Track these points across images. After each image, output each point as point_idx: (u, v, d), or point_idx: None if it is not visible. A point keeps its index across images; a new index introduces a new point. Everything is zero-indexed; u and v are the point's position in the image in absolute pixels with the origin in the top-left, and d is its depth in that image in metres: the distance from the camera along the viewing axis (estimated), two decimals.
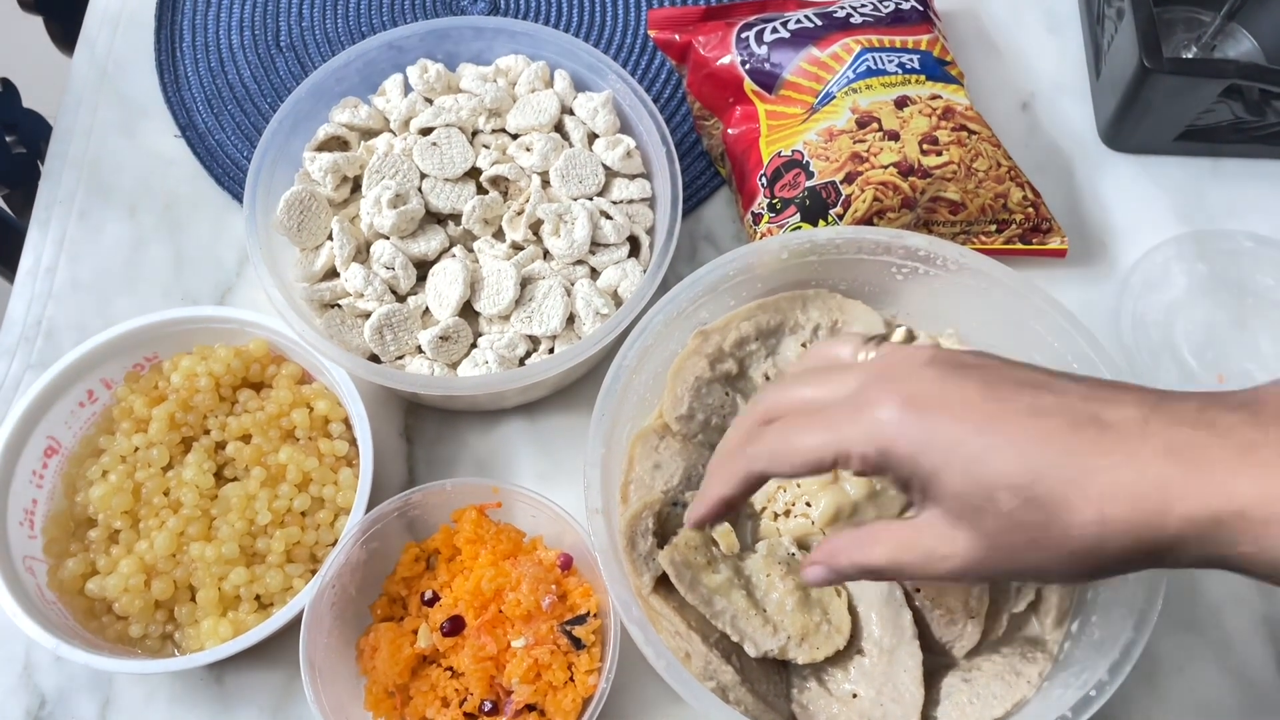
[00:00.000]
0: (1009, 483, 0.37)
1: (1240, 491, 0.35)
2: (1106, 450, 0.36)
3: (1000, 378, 0.40)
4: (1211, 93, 0.71)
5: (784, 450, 0.42)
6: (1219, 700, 0.61)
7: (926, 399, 0.39)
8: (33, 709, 0.61)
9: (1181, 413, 0.37)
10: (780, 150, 0.69)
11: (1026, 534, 0.37)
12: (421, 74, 0.70)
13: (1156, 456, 0.36)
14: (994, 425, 0.38)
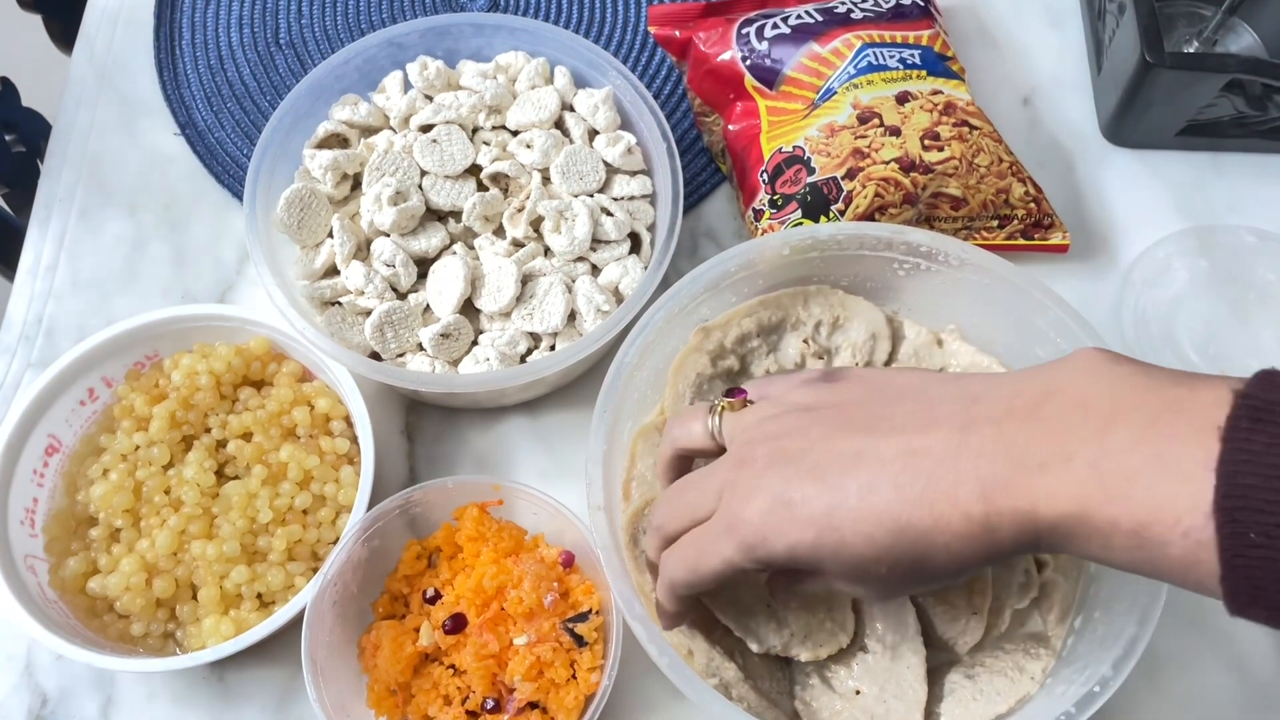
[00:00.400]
0: (872, 558, 0.42)
1: (1043, 516, 0.39)
2: (930, 503, 0.41)
3: (824, 456, 0.44)
4: (1213, 87, 0.71)
5: (693, 576, 0.47)
6: (1222, 696, 0.61)
7: (770, 504, 0.44)
8: (34, 708, 0.60)
9: (982, 439, 0.41)
10: (781, 146, 0.69)
11: (904, 586, 0.44)
12: (421, 71, 0.70)
13: (973, 500, 0.40)
14: (836, 516, 0.43)
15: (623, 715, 0.60)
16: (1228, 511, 0.35)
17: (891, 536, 0.42)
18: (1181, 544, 0.36)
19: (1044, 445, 0.40)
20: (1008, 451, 0.40)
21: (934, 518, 0.41)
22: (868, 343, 0.63)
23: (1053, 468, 0.39)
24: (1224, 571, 0.36)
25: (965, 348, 0.63)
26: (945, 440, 0.42)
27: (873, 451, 0.43)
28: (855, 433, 0.44)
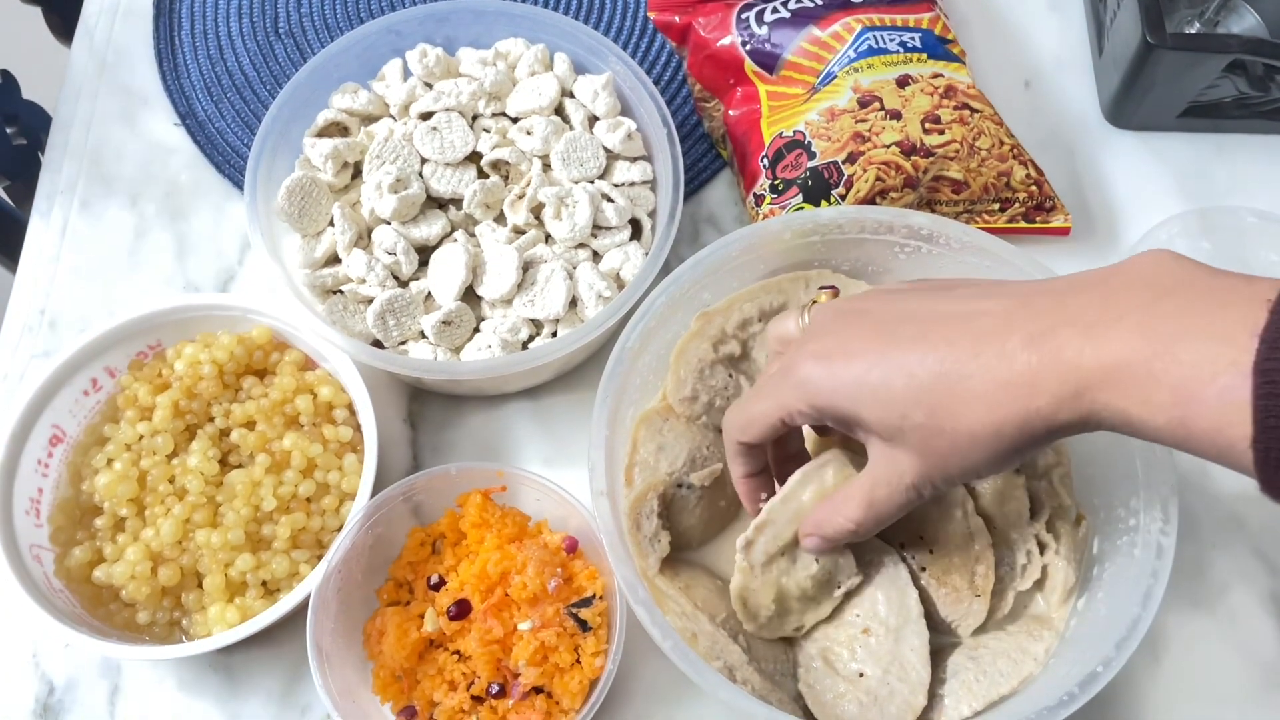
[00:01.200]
0: (911, 399, 0.43)
1: (1086, 365, 0.39)
2: (977, 352, 0.42)
3: (888, 313, 0.46)
4: (1215, 68, 0.71)
5: (745, 420, 0.50)
6: (1225, 677, 0.61)
7: (831, 350, 0.46)
8: (42, 696, 0.61)
9: (1041, 303, 0.42)
10: (782, 131, 0.69)
11: (943, 439, 0.43)
12: (421, 58, 0.69)
13: (1020, 349, 0.41)
14: (886, 357, 0.44)
15: (627, 699, 0.60)
16: (1266, 373, 0.35)
17: (932, 377, 0.43)
18: (1217, 402, 0.36)
19: (1097, 308, 0.40)
20: (1061, 312, 0.41)
21: (978, 363, 0.42)
22: None
23: (1102, 325, 0.40)
24: (1256, 433, 0.36)
25: None
26: (1003, 305, 0.43)
27: (930, 309, 0.45)
28: (925, 296, 0.47)
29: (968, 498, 0.57)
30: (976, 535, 0.57)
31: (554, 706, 0.56)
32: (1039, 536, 0.58)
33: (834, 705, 0.54)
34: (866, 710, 0.54)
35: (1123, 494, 0.56)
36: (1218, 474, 0.66)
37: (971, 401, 0.42)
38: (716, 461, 0.59)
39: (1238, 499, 0.65)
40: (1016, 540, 0.58)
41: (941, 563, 0.56)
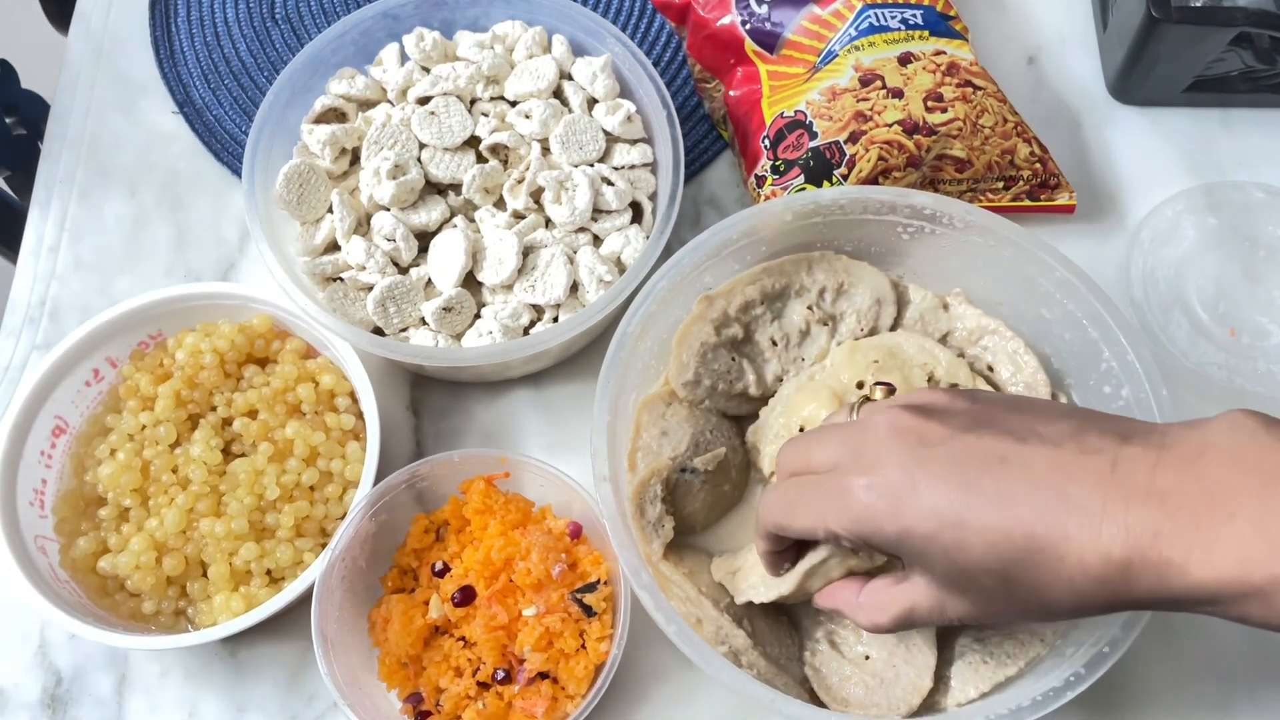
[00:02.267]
0: (988, 567, 0.41)
1: (1194, 579, 0.38)
2: (1068, 534, 0.39)
3: (964, 452, 0.42)
4: (1220, 41, 0.70)
5: (783, 520, 0.47)
6: (1233, 657, 0.61)
7: (896, 488, 0.42)
8: (49, 686, 0.61)
9: (1133, 474, 0.39)
10: (783, 111, 0.68)
11: (1013, 606, 0.42)
12: (418, 42, 0.69)
13: (1117, 539, 0.39)
14: (964, 519, 0.41)
15: (633, 684, 0.60)
16: None
17: (1018, 553, 0.40)
18: None
19: (1201, 501, 0.38)
20: (1161, 501, 0.38)
21: (1069, 548, 0.39)
22: (872, 308, 0.62)
23: (1211, 524, 0.37)
24: None
25: (971, 311, 0.63)
26: (1095, 472, 0.40)
27: (1018, 459, 0.41)
28: (1002, 435, 0.42)
29: None
30: None
31: (559, 692, 0.56)
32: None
33: (840, 688, 0.54)
34: (873, 693, 0.53)
35: None
36: None
37: (1056, 585, 0.40)
38: (720, 445, 0.59)
39: None
40: None
41: None
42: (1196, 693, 0.60)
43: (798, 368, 0.62)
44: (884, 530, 0.42)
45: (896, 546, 0.43)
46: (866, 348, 0.60)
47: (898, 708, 0.53)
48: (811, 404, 0.59)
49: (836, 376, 0.60)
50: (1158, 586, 0.38)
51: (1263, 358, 0.67)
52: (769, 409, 0.61)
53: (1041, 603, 0.41)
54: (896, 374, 0.59)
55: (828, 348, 0.62)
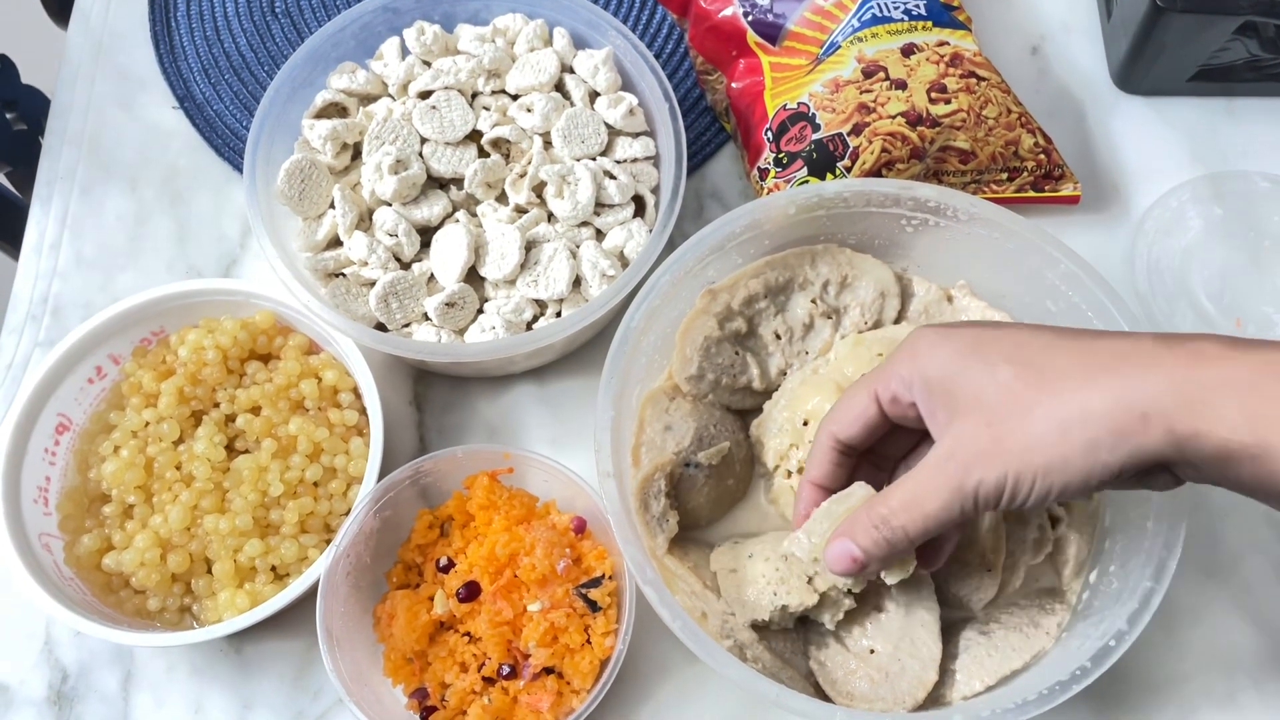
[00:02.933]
0: (1004, 357, 0.45)
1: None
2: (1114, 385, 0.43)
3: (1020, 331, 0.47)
4: (1225, 30, 0.69)
5: (841, 407, 0.50)
6: (1239, 648, 0.61)
7: (949, 337, 0.47)
8: (55, 684, 0.61)
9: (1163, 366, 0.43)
10: (785, 103, 0.68)
11: (1023, 405, 0.43)
12: (418, 36, 0.69)
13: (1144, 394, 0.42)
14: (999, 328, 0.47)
15: (638, 679, 0.60)
16: None
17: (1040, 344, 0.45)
18: None
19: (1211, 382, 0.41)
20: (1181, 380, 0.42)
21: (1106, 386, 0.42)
22: (876, 301, 0.62)
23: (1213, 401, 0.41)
24: None
25: (976, 303, 0.62)
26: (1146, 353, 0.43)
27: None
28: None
29: None
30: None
31: (565, 687, 0.56)
32: (1050, 509, 0.58)
33: (845, 682, 0.54)
34: (878, 686, 0.53)
35: None
36: None
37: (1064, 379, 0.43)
38: (724, 440, 0.59)
39: None
40: (1027, 513, 0.57)
41: None
42: (1201, 686, 0.60)
43: (801, 361, 0.62)
44: (943, 352, 0.46)
45: (947, 380, 0.45)
46: (871, 341, 0.60)
47: (903, 701, 0.53)
48: (816, 397, 0.59)
49: (841, 370, 0.60)
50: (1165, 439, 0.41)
51: None
52: (773, 403, 0.61)
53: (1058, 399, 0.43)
54: None
55: (832, 341, 0.62)
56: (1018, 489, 0.43)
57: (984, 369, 0.45)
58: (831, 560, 0.48)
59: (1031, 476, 0.43)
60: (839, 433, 0.51)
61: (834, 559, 0.48)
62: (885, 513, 0.46)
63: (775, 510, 0.60)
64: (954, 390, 0.45)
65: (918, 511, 0.46)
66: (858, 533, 0.47)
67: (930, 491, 0.45)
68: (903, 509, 0.46)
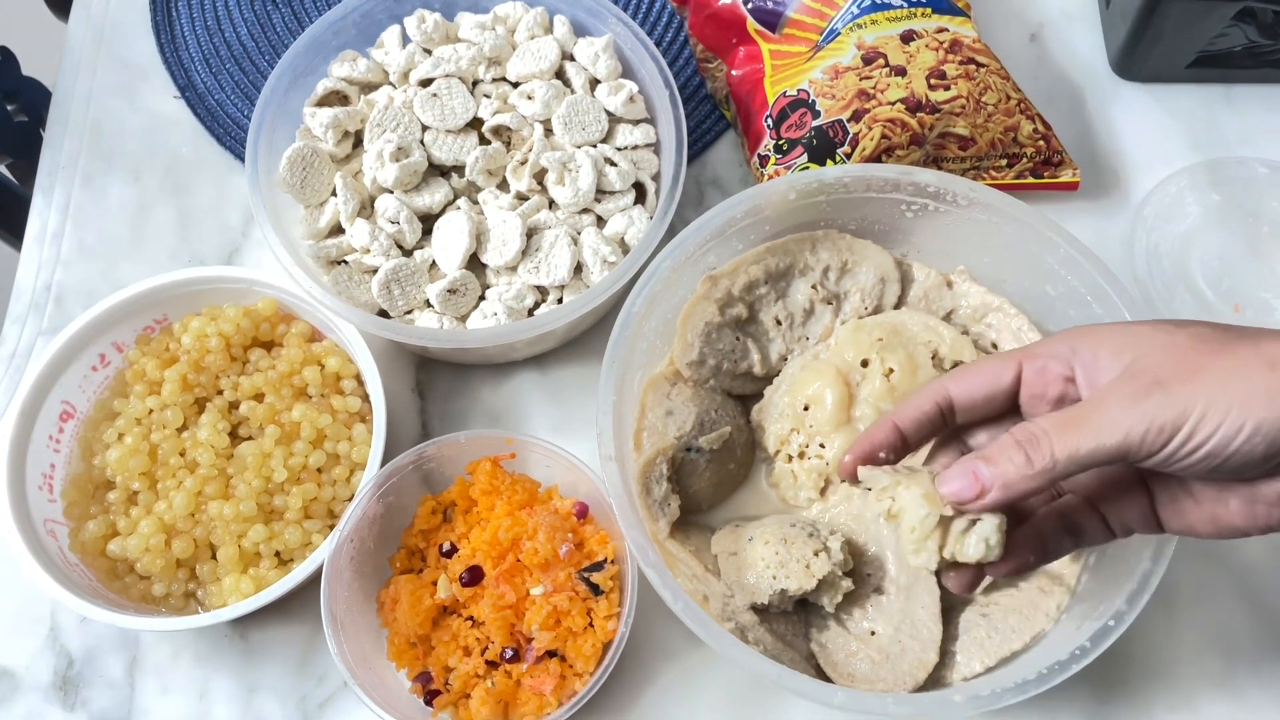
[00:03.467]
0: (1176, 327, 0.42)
1: None
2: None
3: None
4: (1224, 16, 0.70)
5: (969, 368, 0.48)
6: (1237, 629, 0.61)
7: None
8: (61, 669, 0.61)
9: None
10: (785, 90, 0.68)
11: (1220, 344, 0.40)
12: (419, 24, 0.69)
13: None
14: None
15: (640, 662, 0.60)
16: None
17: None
18: None
19: None
20: None
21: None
22: (876, 286, 0.63)
23: None
24: None
25: (975, 288, 0.63)
26: None
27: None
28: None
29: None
30: None
31: (567, 670, 0.56)
32: None
33: (846, 664, 0.55)
34: (879, 668, 0.54)
35: None
36: None
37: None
38: (725, 425, 0.59)
39: None
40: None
41: None
42: (1200, 667, 0.60)
43: (802, 346, 0.62)
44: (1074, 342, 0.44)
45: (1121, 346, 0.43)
46: (871, 326, 0.60)
47: (904, 682, 0.53)
48: (816, 382, 0.59)
49: (841, 355, 0.60)
50: None
51: None
52: (774, 388, 0.61)
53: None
54: (901, 352, 0.59)
55: (832, 326, 0.62)
56: (1200, 424, 0.38)
57: (1162, 333, 0.41)
58: (950, 479, 0.43)
59: (1225, 407, 0.38)
60: (956, 391, 0.47)
61: (954, 476, 0.43)
62: (1037, 431, 0.41)
63: (776, 494, 0.61)
64: (1126, 349, 0.42)
65: (1077, 434, 0.40)
66: (995, 451, 0.42)
67: (1095, 414, 0.40)
68: (1058, 429, 0.41)
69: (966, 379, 0.47)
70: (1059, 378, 0.45)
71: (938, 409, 0.48)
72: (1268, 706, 0.59)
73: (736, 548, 0.56)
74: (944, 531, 0.44)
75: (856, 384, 0.59)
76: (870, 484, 0.47)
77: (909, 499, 0.44)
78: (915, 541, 0.44)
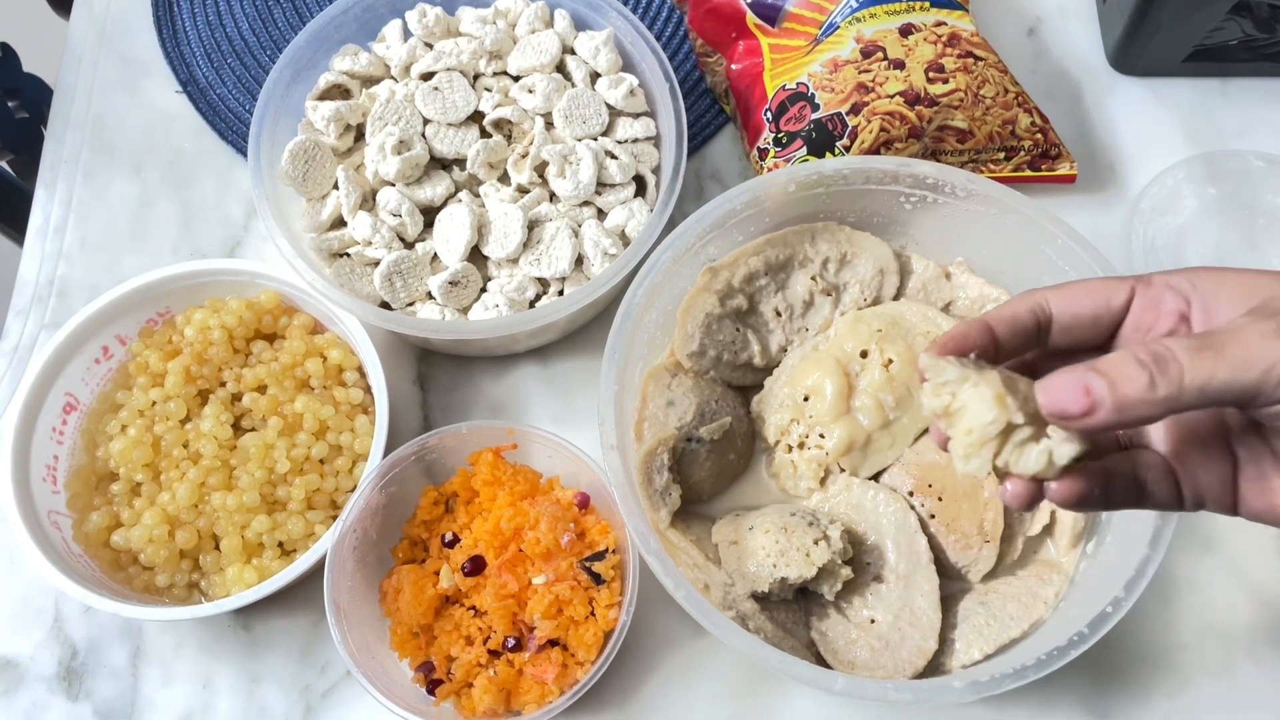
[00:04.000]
0: None
1: None
2: None
3: None
4: (1220, 10, 0.70)
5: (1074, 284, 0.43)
6: (1234, 617, 0.61)
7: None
8: (65, 660, 0.62)
9: None
10: (785, 84, 0.69)
11: None
12: (420, 18, 0.69)
13: None
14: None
15: (642, 652, 0.61)
16: None
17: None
18: None
19: None
20: None
21: None
22: (875, 278, 0.63)
23: None
24: None
25: (974, 280, 0.63)
26: None
27: None
28: None
29: None
30: (984, 482, 0.57)
31: (569, 658, 0.57)
32: None
33: (846, 651, 0.55)
34: (878, 655, 0.54)
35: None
36: None
37: None
38: (725, 415, 0.60)
39: None
40: None
41: (950, 509, 0.57)
42: (1198, 653, 0.60)
43: (802, 338, 0.63)
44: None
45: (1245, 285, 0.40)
46: (870, 317, 0.61)
47: (903, 669, 0.54)
48: (816, 373, 0.59)
49: (840, 346, 0.60)
50: None
51: None
52: (773, 379, 0.62)
53: None
54: (900, 342, 0.59)
55: (831, 318, 0.63)
56: None
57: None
58: (1054, 387, 0.38)
59: None
60: (1057, 305, 0.43)
61: (1061, 386, 0.38)
62: (1164, 352, 0.37)
63: (776, 484, 0.61)
64: (1254, 292, 0.39)
65: (1213, 362, 0.36)
66: (1112, 366, 0.37)
67: (1234, 344, 0.36)
68: (1191, 354, 0.36)
69: (1072, 294, 0.43)
70: (1174, 313, 0.41)
71: (1034, 319, 0.43)
72: (1265, 693, 0.60)
73: (737, 536, 0.57)
74: (1002, 440, 0.39)
75: (856, 375, 0.59)
76: (932, 374, 0.41)
77: (975, 398, 0.39)
78: (968, 446, 0.40)
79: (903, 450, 0.59)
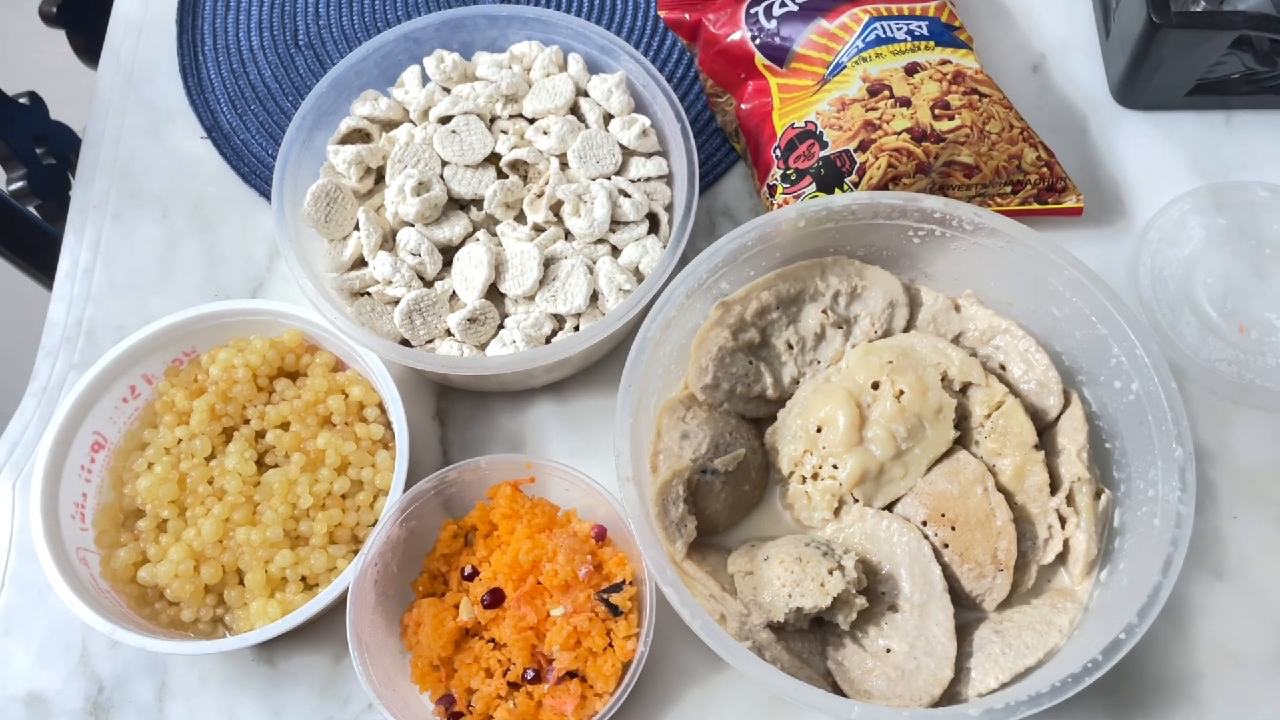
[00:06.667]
0: None
1: None
2: None
3: None
4: (1221, 45, 0.71)
5: None
6: (1246, 645, 0.61)
7: None
8: (92, 695, 0.63)
9: None
10: (794, 122, 0.70)
11: None
12: (438, 64, 0.71)
13: None
14: None
15: (660, 683, 0.61)
16: None
17: None
18: None
19: None
20: None
21: None
22: (886, 310, 0.64)
23: None
24: None
25: (983, 311, 0.64)
26: None
27: None
28: None
29: (987, 474, 0.58)
30: (997, 511, 0.57)
31: (588, 690, 0.57)
32: (1059, 511, 0.59)
33: (862, 681, 0.55)
34: (895, 684, 0.55)
35: (1141, 466, 0.57)
36: (1236, 446, 0.66)
37: None
38: (739, 447, 0.61)
39: (1258, 471, 0.66)
40: (1037, 515, 0.59)
41: (964, 539, 0.57)
42: (1215, 682, 0.60)
43: (814, 370, 0.64)
44: None
45: None
46: (881, 349, 0.62)
47: (920, 698, 0.54)
48: (828, 405, 0.60)
49: (852, 378, 0.61)
50: None
51: (1272, 353, 0.68)
52: (786, 411, 0.63)
53: None
54: (911, 374, 0.60)
55: (843, 350, 0.64)
56: None
57: None
58: None
59: None
60: None
61: None
62: None
63: (790, 515, 0.62)
64: None
65: None
66: None
67: None
68: None
69: None
70: None
71: None
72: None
73: (753, 567, 0.57)
74: None
75: (868, 406, 0.60)
76: None
77: None
78: None
79: (915, 480, 0.60)
